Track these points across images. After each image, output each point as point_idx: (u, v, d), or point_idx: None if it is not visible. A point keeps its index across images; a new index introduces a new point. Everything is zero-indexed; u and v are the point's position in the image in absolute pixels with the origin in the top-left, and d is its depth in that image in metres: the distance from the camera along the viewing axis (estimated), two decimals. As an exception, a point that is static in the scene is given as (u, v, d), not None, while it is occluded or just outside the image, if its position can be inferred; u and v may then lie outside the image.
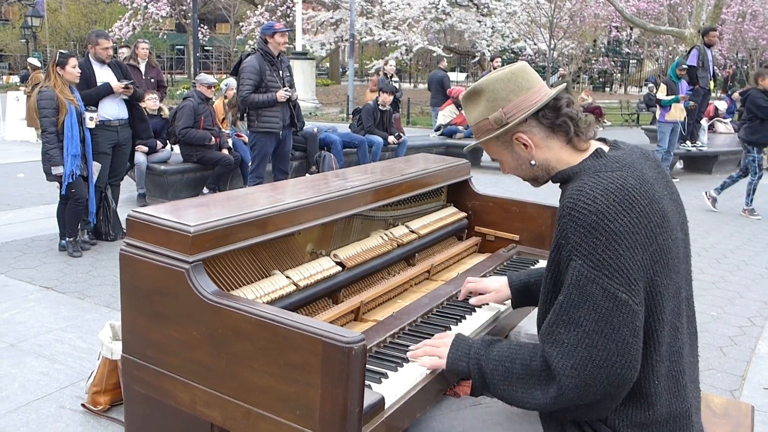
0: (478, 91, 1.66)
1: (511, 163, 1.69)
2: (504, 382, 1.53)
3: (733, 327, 4.25)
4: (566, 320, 1.42)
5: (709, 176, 10.74)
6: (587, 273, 1.39)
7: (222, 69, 40.77)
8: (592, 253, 1.39)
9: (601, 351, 1.38)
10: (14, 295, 4.49)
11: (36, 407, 3.02)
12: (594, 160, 1.56)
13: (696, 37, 14.27)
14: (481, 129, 1.67)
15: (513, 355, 1.54)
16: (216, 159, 7.37)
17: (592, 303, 1.39)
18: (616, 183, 1.45)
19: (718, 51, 24.69)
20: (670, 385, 1.50)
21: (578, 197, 1.44)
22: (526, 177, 1.71)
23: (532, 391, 1.48)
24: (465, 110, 1.73)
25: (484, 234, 2.78)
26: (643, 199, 1.45)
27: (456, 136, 11.11)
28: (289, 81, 6.50)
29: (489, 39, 26.04)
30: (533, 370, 1.48)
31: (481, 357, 1.59)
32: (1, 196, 7.83)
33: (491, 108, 1.63)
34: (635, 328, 1.39)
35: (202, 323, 1.52)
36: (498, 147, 1.68)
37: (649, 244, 1.42)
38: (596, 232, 1.39)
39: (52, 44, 31.59)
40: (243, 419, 1.49)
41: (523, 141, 1.62)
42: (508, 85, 1.62)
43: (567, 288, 1.43)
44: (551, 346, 1.45)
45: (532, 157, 1.63)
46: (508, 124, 1.61)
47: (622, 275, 1.38)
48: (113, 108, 5.71)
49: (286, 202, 1.84)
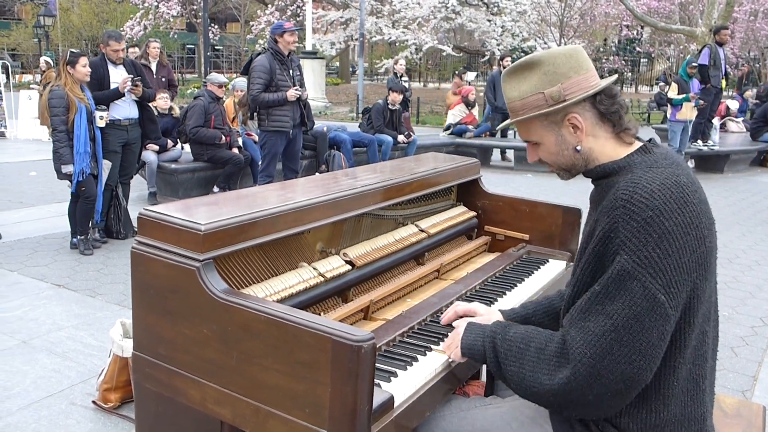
0: (534, 63, 1.55)
1: (552, 148, 1.58)
2: (514, 364, 1.51)
3: (745, 327, 4.22)
4: (598, 310, 1.39)
5: (721, 175, 10.67)
6: (631, 269, 1.35)
7: (232, 68, 40.90)
8: (641, 249, 1.34)
9: (624, 347, 1.36)
10: (26, 292, 4.52)
11: (47, 404, 3.04)
12: (643, 155, 1.50)
13: (707, 35, 14.18)
14: (529, 104, 1.55)
15: (528, 338, 1.52)
16: (226, 158, 7.40)
17: (629, 299, 1.35)
18: (671, 179, 1.40)
19: (730, 50, 24.51)
20: (690, 387, 1.47)
21: (635, 190, 1.38)
22: (563, 165, 1.60)
23: (540, 375, 1.45)
24: (508, 84, 1.59)
25: (494, 233, 2.77)
26: (695, 198, 1.41)
27: (466, 135, 11.09)
28: (299, 80, 6.51)
29: (499, 38, 25.97)
30: (546, 354, 1.46)
31: (496, 336, 1.57)
32: (14, 194, 7.89)
33: (548, 82, 1.52)
34: (664, 332, 1.37)
35: (213, 321, 1.53)
36: (543, 127, 1.56)
37: (697, 246, 1.38)
38: (650, 228, 1.34)
39: (65, 43, 31.77)
40: (253, 417, 1.50)
41: (576, 123, 1.53)
42: (569, 61, 1.53)
43: (606, 280, 1.39)
44: (576, 331, 1.42)
45: (579, 141, 1.54)
46: (565, 101, 1.51)
47: (665, 276, 1.34)
48: (123, 107, 5.75)
49: (297, 200, 1.84)
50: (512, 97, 1.58)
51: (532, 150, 1.64)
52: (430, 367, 1.67)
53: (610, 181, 1.52)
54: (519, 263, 2.53)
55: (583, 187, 1.63)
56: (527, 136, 1.62)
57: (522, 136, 1.64)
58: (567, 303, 1.54)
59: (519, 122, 1.59)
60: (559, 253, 2.62)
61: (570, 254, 2.60)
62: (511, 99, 1.58)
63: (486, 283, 2.31)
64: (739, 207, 8.01)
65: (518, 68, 1.58)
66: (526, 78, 1.55)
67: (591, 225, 1.51)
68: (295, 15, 27.22)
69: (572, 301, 1.51)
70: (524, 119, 1.56)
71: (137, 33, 27.38)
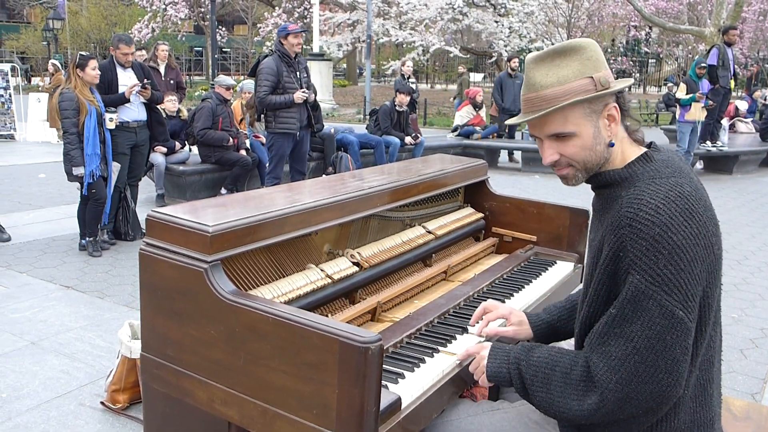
0: (572, 49, 1.46)
1: (588, 141, 1.46)
2: (542, 390, 1.48)
3: (755, 329, 4.19)
4: (617, 333, 1.36)
5: (730, 176, 10.61)
6: (645, 289, 1.32)
7: (240, 70, 40.97)
8: (653, 268, 1.31)
9: (650, 367, 1.33)
10: (35, 293, 4.55)
11: (56, 404, 3.06)
12: (644, 165, 1.46)
13: (716, 35, 14.12)
14: (573, 89, 1.43)
15: (553, 363, 1.49)
16: (234, 160, 7.42)
17: (648, 319, 1.32)
18: (675, 191, 1.36)
19: (739, 50, 24.40)
20: (698, 393, 1.46)
21: (639, 207, 1.35)
22: (590, 163, 1.49)
23: (569, 401, 1.43)
24: (539, 70, 1.48)
25: (502, 235, 2.77)
26: (699, 206, 1.37)
27: (473, 136, 11.08)
28: (306, 82, 6.51)
29: (506, 39, 25.92)
30: (572, 379, 1.44)
31: (521, 362, 1.54)
32: (23, 196, 7.94)
33: (593, 68, 1.44)
34: (687, 346, 1.34)
35: (221, 322, 1.53)
36: (584, 115, 1.45)
37: (707, 255, 1.36)
38: (659, 246, 1.31)
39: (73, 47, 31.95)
40: (260, 418, 1.50)
41: (613, 113, 1.46)
42: (600, 52, 1.47)
43: (621, 302, 1.36)
44: (599, 357, 1.39)
45: (612, 136, 1.48)
46: (610, 87, 1.44)
47: (681, 291, 1.31)
48: (132, 110, 5.78)
49: (304, 202, 1.85)
50: (547, 83, 1.45)
51: (557, 145, 1.49)
52: (437, 368, 1.67)
53: (612, 192, 1.48)
54: (527, 265, 2.53)
55: (589, 190, 1.60)
56: (561, 127, 1.47)
57: (550, 129, 1.48)
58: (583, 322, 1.52)
59: (557, 111, 1.44)
60: (566, 255, 2.61)
61: (578, 256, 2.60)
62: (546, 85, 1.45)
63: (494, 284, 2.31)
64: (748, 208, 7.96)
65: (551, 54, 1.48)
66: (563, 64, 1.45)
67: (598, 240, 1.48)
68: (303, 17, 27.28)
69: (588, 321, 1.49)
70: (570, 104, 1.43)
71: (145, 36, 27.51)
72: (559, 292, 2.40)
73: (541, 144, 1.53)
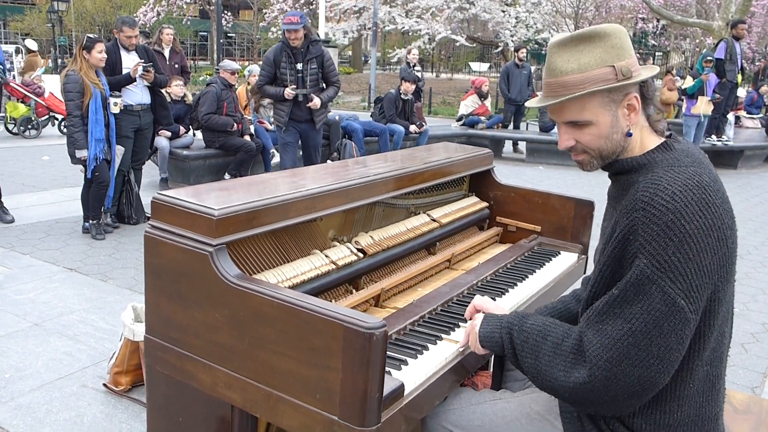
0: (596, 35, 1.44)
1: (605, 130, 1.46)
2: (531, 356, 1.49)
3: (756, 324, 4.19)
4: (616, 313, 1.37)
5: (735, 171, 10.59)
6: (651, 273, 1.32)
7: (245, 56, 40.90)
8: (661, 254, 1.31)
9: (642, 351, 1.33)
10: (39, 275, 4.56)
11: (59, 386, 3.07)
12: (664, 153, 1.45)
13: (724, 29, 14.02)
14: (593, 78, 1.42)
15: (545, 332, 1.50)
16: (238, 145, 7.41)
17: (648, 304, 1.32)
18: (693, 180, 1.35)
19: (747, 44, 24.26)
20: (705, 388, 1.45)
21: (655, 192, 1.34)
22: (606, 151, 1.49)
23: (555, 371, 1.44)
24: (560, 56, 1.46)
25: (506, 224, 2.76)
26: (717, 198, 1.36)
27: (478, 126, 11.05)
28: (313, 74, 6.27)
29: (513, 29, 25.82)
30: (563, 350, 1.44)
31: (513, 327, 1.55)
32: (27, 179, 7.94)
33: (616, 56, 1.42)
34: (683, 336, 1.34)
35: (225, 306, 1.53)
36: (603, 104, 1.44)
37: (719, 247, 1.35)
38: (670, 232, 1.30)
39: (78, 29, 31.87)
40: (264, 402, 1.50)
41: (634, 103, 1.45)
42: (627, 39, 1.44)
43: (624, 284, 1.36)
44: (594, 333, 1.40)
45: (631, 125, 1.46)
46: (631, 78, 1.43)
47: (685, 280, 1.31)
48: (136, 93, 5.77)
49: (309, 187, 1.84)
50: (567, 69, 1.44)
51: (573, 132, 1.50)
52: (440, 356, 1.67)
53: (629, 179, 1.47)
54: (530, 255, 2.53)
55: (594, 180, 1.60)
56: (578, 115, 1.46)
57: (567, 116, 1.48)
58: (585, 304, 1.52)
59: (574, 98, 1.43)
60: (571, 246, 2.61)
61: (582, 247, 2.59)
62: (567, 71, 1.44)
63: (497, 273, 2.31)
64: (752, 203, 7.94)
65: (575, 39, 1.45)
66: (586, 50, 1.43)
67: (611, 225, 1.46)
68: (309, 3, 27.15)
69: (590, 302, 1.49)
70: (589, 93, 1.42)
71: (150, 19, 27.44)
72: (563, 282, 2.40)
73: (560, 128, 1.54)
